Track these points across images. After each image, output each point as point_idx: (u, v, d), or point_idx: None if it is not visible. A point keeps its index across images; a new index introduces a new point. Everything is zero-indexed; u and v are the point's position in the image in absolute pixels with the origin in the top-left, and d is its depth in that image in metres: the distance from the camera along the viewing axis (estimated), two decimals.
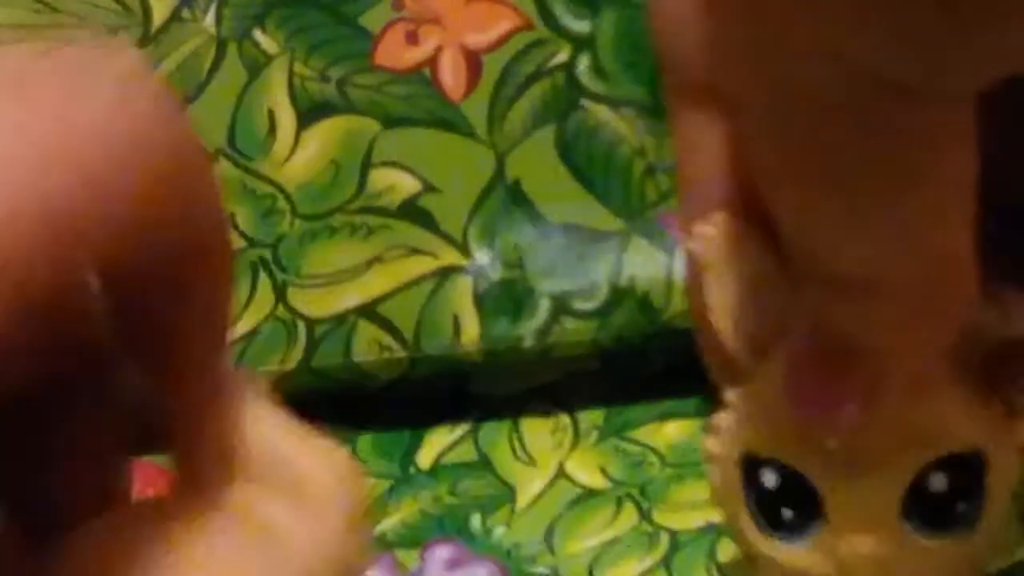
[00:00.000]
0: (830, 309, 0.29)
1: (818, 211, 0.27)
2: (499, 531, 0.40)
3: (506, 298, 0.41)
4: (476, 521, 0.40)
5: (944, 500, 0.32)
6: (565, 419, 0.43)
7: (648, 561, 0.39)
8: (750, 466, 0.33)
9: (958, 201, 0.27)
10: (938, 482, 0.31)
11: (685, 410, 0.43)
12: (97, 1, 0.41)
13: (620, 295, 0.41)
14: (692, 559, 0.39)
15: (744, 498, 0.33)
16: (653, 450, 0.42)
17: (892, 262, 0.27)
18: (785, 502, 0.32)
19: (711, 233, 0.33)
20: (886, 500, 0.31)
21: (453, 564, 0.39)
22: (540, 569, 0.39)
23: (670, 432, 0.42)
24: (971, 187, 0.26)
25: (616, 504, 0.40)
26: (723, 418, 0.33)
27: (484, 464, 0.42)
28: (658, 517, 0.40)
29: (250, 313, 0.42)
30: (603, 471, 0.42)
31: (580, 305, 0.41)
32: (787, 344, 0.31)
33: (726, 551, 0.39)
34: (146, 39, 0.41)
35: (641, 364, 0.44)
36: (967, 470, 0.32)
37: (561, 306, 0.41)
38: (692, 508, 0.40)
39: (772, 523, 0.32)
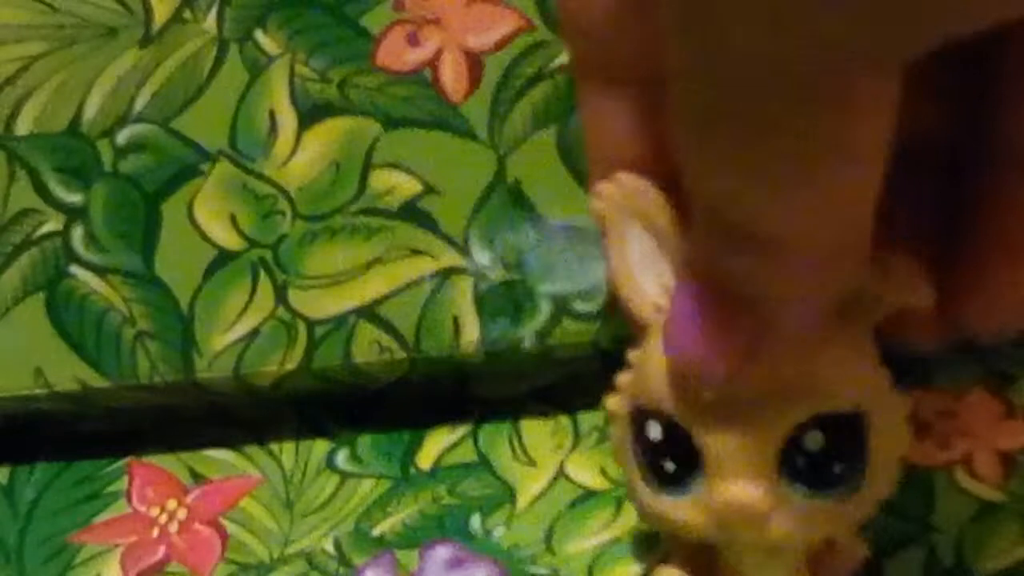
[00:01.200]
0: (724, 260, 0.29)
1: (733, 168, 0.27)
2: (499, 531, 0.40)
3: (506, 299, 0.41)
4: (476, 521, 0.40)
5: (821, 459, 0.32)
6: (565, 420, 0.43)
7: (648, 562, 0.39)
8: (639, 420, 0.33)
9: (874, 169, 0.27)
10: (814, 441, 0.31)
11: None
12: (99, 1, 0.41)
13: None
14: None
15: (633, 453, 0.33)
16: None
17: (799, 222, 0.27)
18: (668, 455, 0.32)
19: (613, 191, 0.34)
20: (762, 453, 0.31)
21: (453, 564, 0.39)
22: (540, 569, 0.39)
23: None
24: (886, 155, 0.27)
25: (616, 505, 0.40)
26: (624, 377, 0.34)
27: (484, 465, 0.42)
28: None
29: (250, 314, 0.42)
30: (603, 472, 0.42)
31: (580, 307, 0.41)
32: (675, 293, 0.31)
33: None
34: (147, 39, 0.41)
35: None
36: (846, 431, 0.32)
37: (561, 307, 0.41)
38: None
39: (658, 477, 0.33)
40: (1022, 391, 0.42)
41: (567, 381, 0.44)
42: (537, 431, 0.43)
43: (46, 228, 0.42)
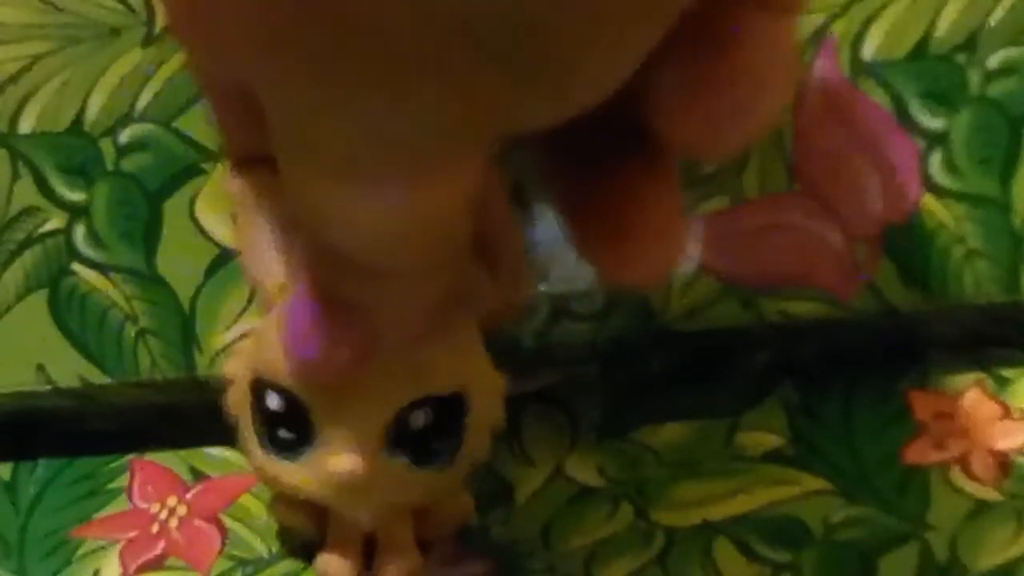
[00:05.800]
0: (331, 280, 0.31)
1: (327, 199, 0.27)
2: (496, 528, 0.40)
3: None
4: (474, 518, 0.41)
5: (423, 436, 0.35)
6: (564, 420, 0.43)
7: (644, 558, 0.39)
8: (258, 389, 0.35)
9: (466, 198, 0.28)
10: (418, 419, 0.35)
11: (682, 411, 0.43)
12: (101, 1, 0.42)
13: (618, 297, 0.42)
14: (687, 556, 0.39)
15: (251, 418, 0.36)
16: (650, 450, 0.42)
17: (396, 248, 0.28)
18: (284, 424, 0.35)
19: (245, 175, 0.36)
20: (369, 429, 0.34)
21: (450, 560, 0.39)
22: (536, 565, 0.39)
23: (667, 432, 0.43)
24: (478, 186, 0.27)
25: (613, 502, 0.41)
26: (245, 343, 0.37)
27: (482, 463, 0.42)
28: (654, 515, 0.40)
29: (251, 312, 0.42)
30: (600, 471, 0.42)
31: (579, 307, 0.42)
32: (294, 292, 0.33)
33: (721, 549, 0.39)
34: (149, 40, 0.42)
35: (639, 365, 0.44)
36: (448, 410, 0.35)
37: (560, 308, 0.41)
38: (688, 506, 0.40)
39: (273, 442, 0.35)
40: (1018, 393, 0.43)
41: (566, 381, 0.44)
42: (536, 430, 0.43)
43: (49, 226, 0.42)
